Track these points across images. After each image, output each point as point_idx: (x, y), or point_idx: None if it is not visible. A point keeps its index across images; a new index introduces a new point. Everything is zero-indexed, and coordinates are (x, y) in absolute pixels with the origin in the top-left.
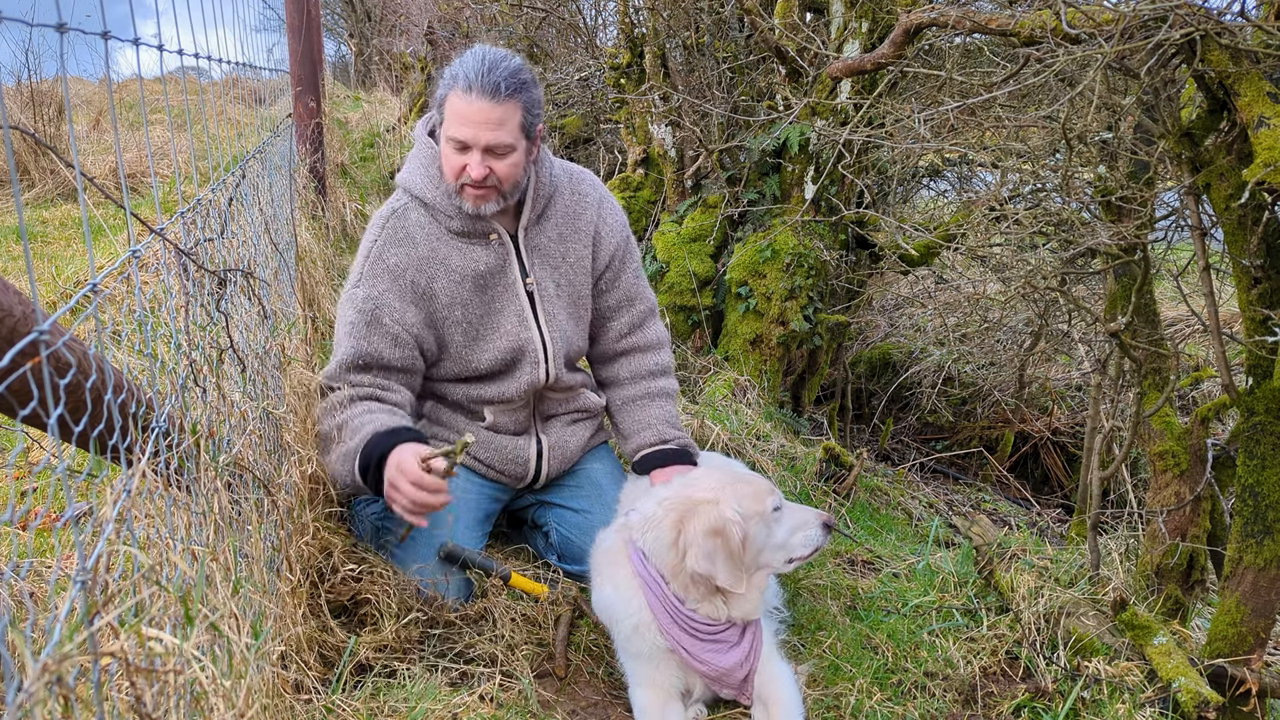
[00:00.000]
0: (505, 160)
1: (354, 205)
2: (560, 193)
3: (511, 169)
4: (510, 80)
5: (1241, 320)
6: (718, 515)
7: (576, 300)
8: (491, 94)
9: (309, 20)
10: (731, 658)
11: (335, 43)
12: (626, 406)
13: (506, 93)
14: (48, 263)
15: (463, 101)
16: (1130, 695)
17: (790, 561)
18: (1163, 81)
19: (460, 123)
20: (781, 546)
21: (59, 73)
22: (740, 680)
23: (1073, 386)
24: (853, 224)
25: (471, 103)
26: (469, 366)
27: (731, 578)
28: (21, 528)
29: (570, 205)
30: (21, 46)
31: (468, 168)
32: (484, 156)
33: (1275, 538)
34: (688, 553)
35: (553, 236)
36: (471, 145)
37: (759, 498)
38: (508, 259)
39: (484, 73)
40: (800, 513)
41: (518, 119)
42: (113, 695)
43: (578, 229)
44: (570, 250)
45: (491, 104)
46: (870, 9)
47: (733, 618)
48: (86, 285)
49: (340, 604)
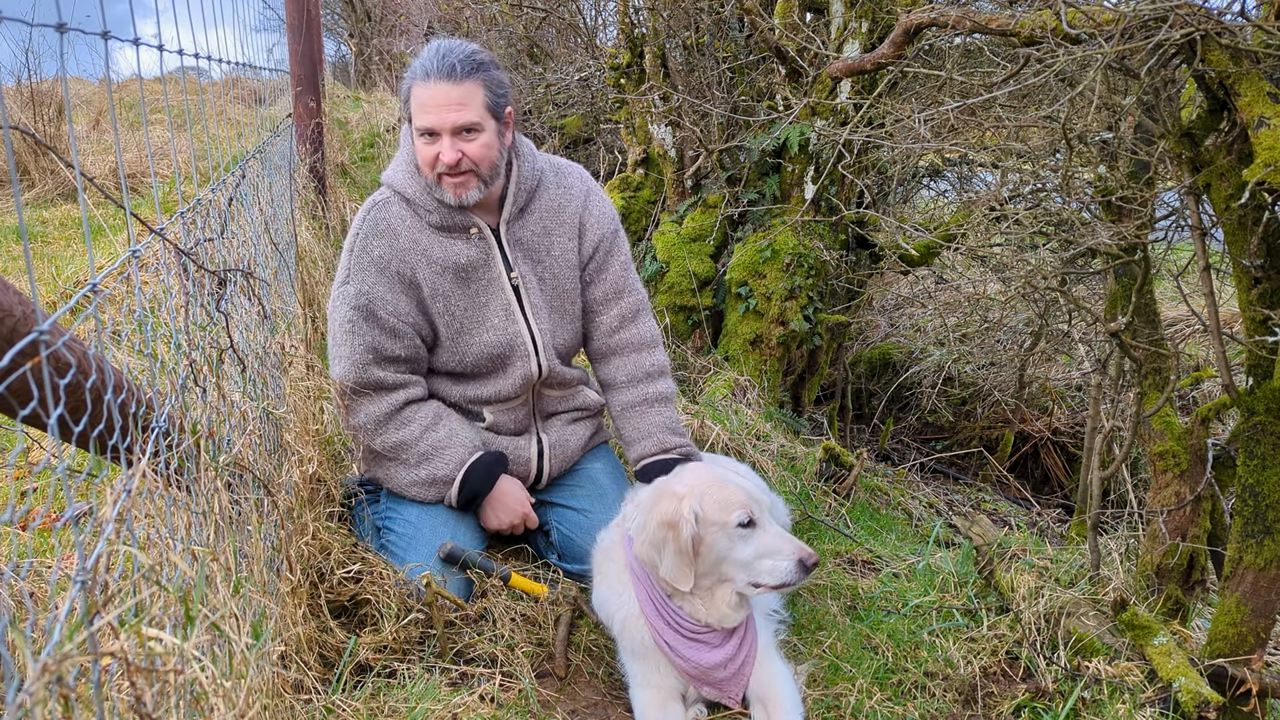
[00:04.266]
0: (475, 141)
1: (354, 205)
2: (545, 186)
3: (484, 150)
4: (466, 62)
5: (1242, 320)
6: (675, 509)
7: (562, 293)
8: (449, 75)
9: (309, 20)
10: (712, 657)
11: (335, 43)
12: (627, 413)
13: (464, 73)
14: (48, 263)
15: (423, 89)
16: (1130, 695)
17: (755, 586)
18: (1163, 81)
19: (424, 110)
20: (745, 566)
21: (59, 73)
22: (721, 680)
23: (1073, 386)
24: (853, 224)
25: (430, 88)
26: (459, 359)
27: (675, 572)
28: (21, 528)
29: (555, 198)
30: (21, 46)
31: (440, 155)
32: (453, 140)
33: (1275, 538)
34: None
35: (536, 230)
36: (439, 130)
37: (725, 508)
38: (490, 253)
39: (439, 59)
40: (777, 541)
41: (480, 98)
42: (113, 695)
43: (562, 221)
44: (555, 243)
45: (450, 85)
46: (870, 9)
47: (708, 621)
48: (86, 285)
49: (340, 604)
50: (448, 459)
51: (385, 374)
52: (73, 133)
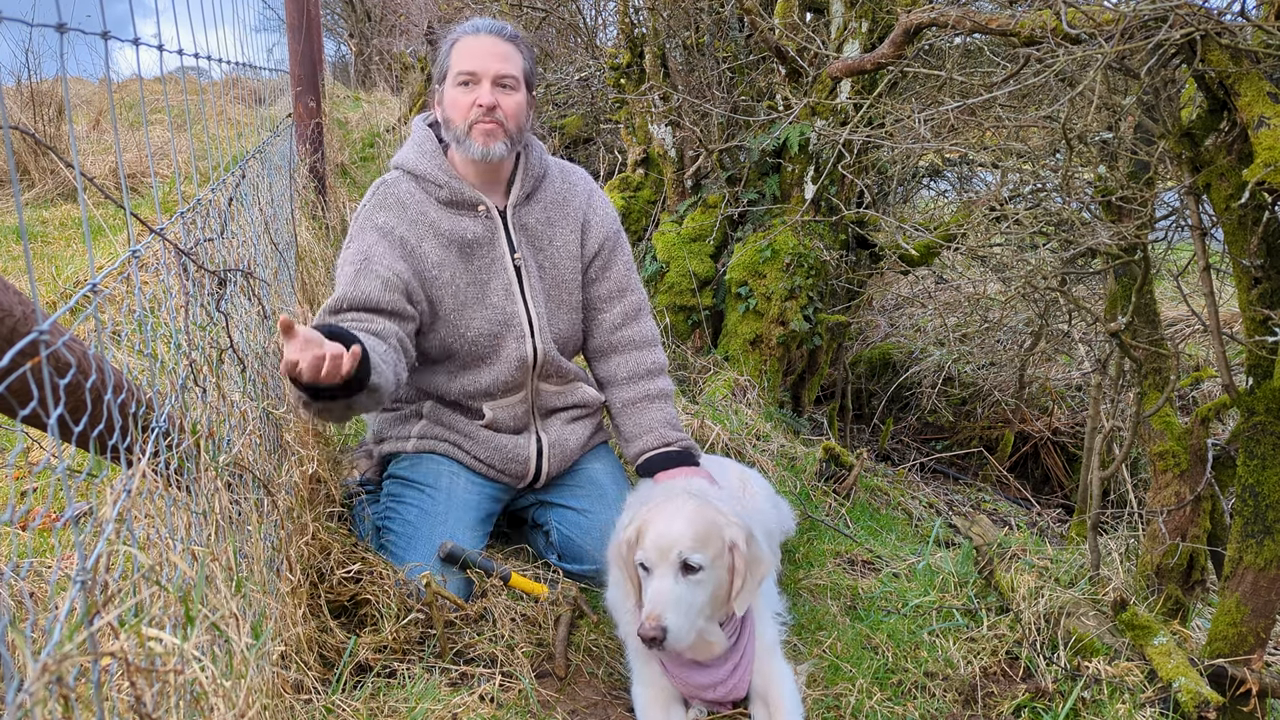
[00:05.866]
0: (512, 97)
1: (354, 205)
2: (550, 178)
3: (517, 108)
4: (513, 32)
5: (1241, 320)
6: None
7: (560, 283)
8: (499, 32)
9: (309, 20)
10: (702, 679)
11: (335, 43)
12: (626, 410)
13: (510, 37)
14: (48, 263)
15: (472, 39)
16: (1130, 695)
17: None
18: (1163, 81)
19: (470, 55)
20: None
21: (59, 73)
22: (713, 700)
23: (1073, 386)
24: (853, 224)
25: (480, 39)
26: (458, 335)
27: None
28: (21, 528)
29: (560, 191)
30: (21, 46)
31: (478, 99)
32: (492, 88)
33: (1275, 538)
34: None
35: (540, 218)
36: (481, 75)
37: (657, 544)
38: (495, 232)
39: (488, 21)
40: (653, 596)
41: (521, 62)
42: (113, 695)
43: (565, 214)
44: (557, 234)
45: (499, 39)
46: (870, 9)
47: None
48: (86, 285)
49: (340, 604)
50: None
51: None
52: (73, 133)
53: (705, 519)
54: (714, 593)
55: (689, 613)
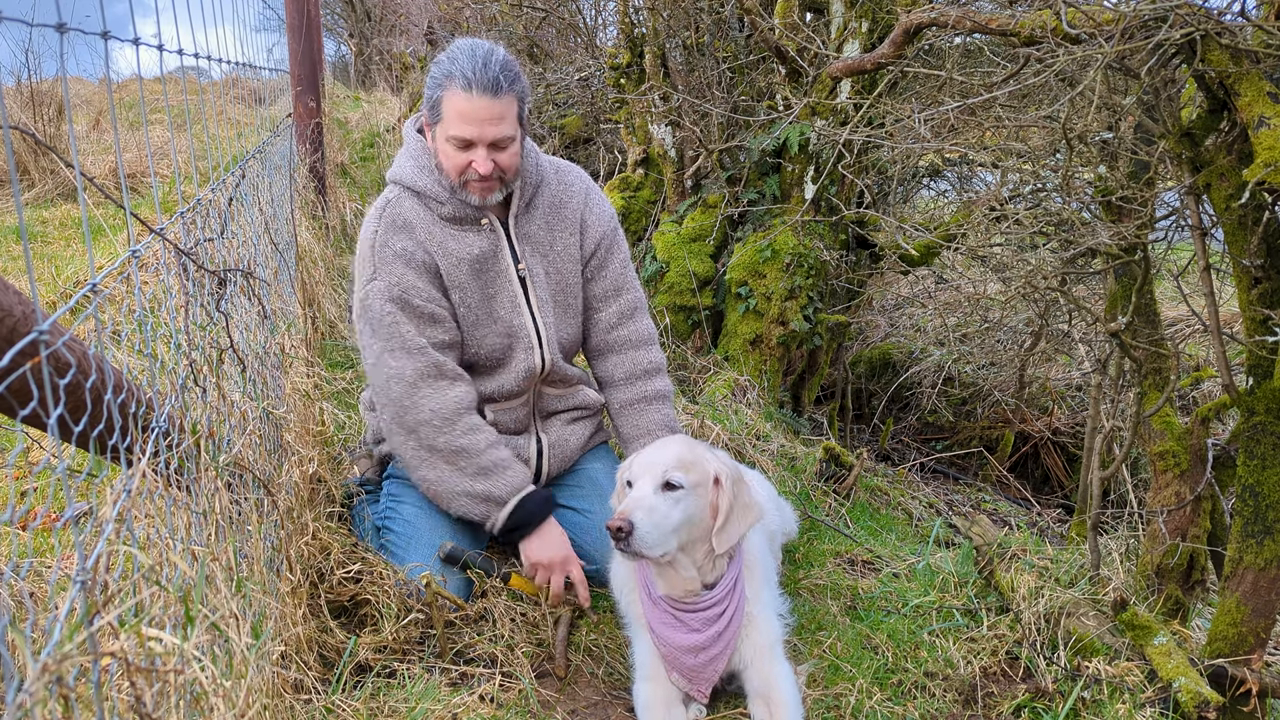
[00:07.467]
0: (508, 151)
1: (354, 205)
2: (547, 183)
3: (514, 159)
4: (506, 73)
5: (1242, 320)
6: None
7: (565, 288)
8: (493, 90)
9: (309, 20)
10: (684, 640)
11: (335, 43)
12: (625, 411)
13: (505, 87)
14: (48, 263)
15: (464, 101)
16: (1130, 695)
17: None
18: (1163, 81)
19: (463, 121)
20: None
21: (59, 73)
22: (689, 667)
23: (1073, 386)
24: (853, 224)
25: (473, 100)
26: (473, 351)
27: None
28: (21, 528)
29: (557, 195)
30: (21, 46)
31: (473, 164)
32: (489, 152)
33: (1275, 538)
34: None
35: (541, 225)
36: (477, 142)
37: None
38: (499, 245)
39: (480, 69)
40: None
41: (514, 111)
42: (113, 695)
43: (564, 217)
44: (558, 239)
45: (493, 100)
46: (870, 9)
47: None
48: (86, 285)
49: (340, 604)
50: (507, 480)
51: (445, 358)
52: (73, 133)
53: (693, 451)
54: (692, 515)
55: (661, 523)
